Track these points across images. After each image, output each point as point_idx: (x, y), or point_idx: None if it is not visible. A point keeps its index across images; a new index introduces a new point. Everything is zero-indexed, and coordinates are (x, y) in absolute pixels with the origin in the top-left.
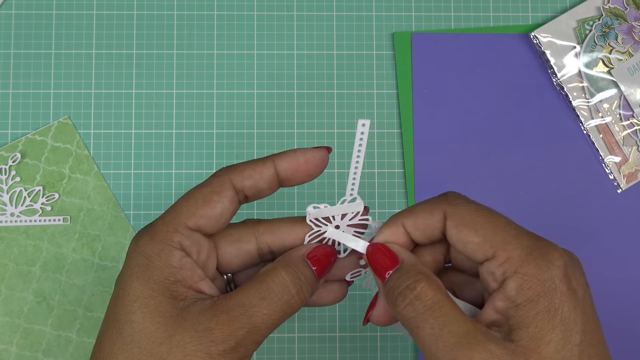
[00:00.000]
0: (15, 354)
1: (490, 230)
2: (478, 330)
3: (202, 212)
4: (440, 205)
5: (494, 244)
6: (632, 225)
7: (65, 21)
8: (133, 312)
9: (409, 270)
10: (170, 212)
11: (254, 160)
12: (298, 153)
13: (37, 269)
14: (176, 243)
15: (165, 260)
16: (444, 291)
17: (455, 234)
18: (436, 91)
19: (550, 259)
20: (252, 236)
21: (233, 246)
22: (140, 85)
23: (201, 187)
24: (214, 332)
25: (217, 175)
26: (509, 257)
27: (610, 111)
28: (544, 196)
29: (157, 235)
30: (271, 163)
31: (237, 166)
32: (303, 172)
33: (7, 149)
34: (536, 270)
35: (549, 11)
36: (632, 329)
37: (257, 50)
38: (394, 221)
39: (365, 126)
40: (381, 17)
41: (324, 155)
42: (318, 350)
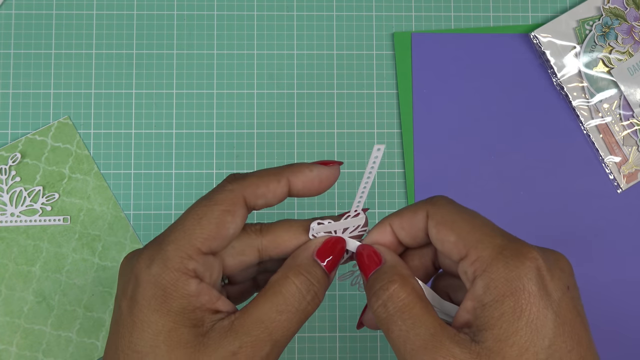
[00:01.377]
0: (15, 354)
1: (465, 229)
2: (444, 333)
3: (215, 234)
4: (424, 206)
5: (467, 243)
6: (632, 225)
7: (65, 21)
8: (157, 346)
9: (387, 271)
10: (182, 234)
11: (268, 175)
12: (314, 172)
13: (37, 269)
14: (191, 271)
15: (182, 290)
16: (418, 293)
17: (435, 233)
18: (436, 91)
19: (521, 259)
20: (255, 250)
21: (235, 259)
22: (140, 85)
23: (212, 203)
24: (239, 356)
25: (230, 190)
26: (479, 255)
27: (610, 111)
28: (544, 196)
29: (170, 262)
30: (286, 181)
31: (250, 181)
32: (316, 190)
33: (7, 149)
34: (504, 270)
35: (549, 11)
36: (631, 329)
37: (257, 50)
38: (382, 222)
39: (380, 151)
40: (381, 17)
41: (336, 171)
42: (318, 350)
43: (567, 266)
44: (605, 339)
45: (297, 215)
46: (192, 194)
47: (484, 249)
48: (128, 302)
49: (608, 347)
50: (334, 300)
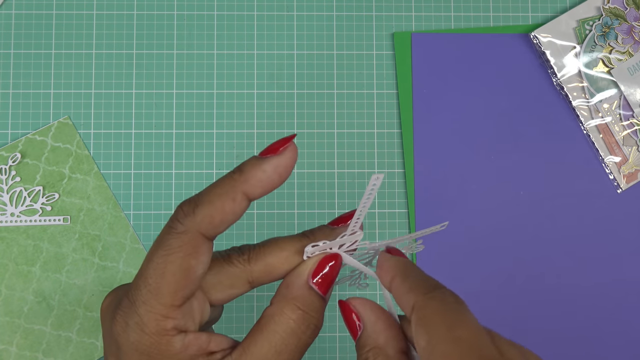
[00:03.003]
0: (15, 354)
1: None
2: None
3: (184, 284)
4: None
5: (432, 354)
6: (632, 225)
7: (65, 21)
8: None
9: (364, 344)
10: (150, 295)
11: (220, 197)
12: (268, 171)
13: (37, 269)
14: (172, 330)
15: (167, 351)
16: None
17: (413, 329)
18: (436, 91)
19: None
20: (245, 282)
21: (225, 293)
22: (140, 85)
23: (170, 253)
24: None
25: (183, 232)
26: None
27: (610, 111)
28: (544, 196)
29: (146, 327)
30: (242, 195)
31: (203, 214)
32: (278, 184)
33: (7, 149)
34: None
35: (549, 11)
36: (631, 329)
37: (257, 50)
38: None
39: (378, 180)
40: (381, 17)
41: (294, 152)
42: (318, 350)
43: None
44: (605, 339)
45: (296, 215)
46: (192, 194)
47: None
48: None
49: (608, 347)
50: (334, 300)
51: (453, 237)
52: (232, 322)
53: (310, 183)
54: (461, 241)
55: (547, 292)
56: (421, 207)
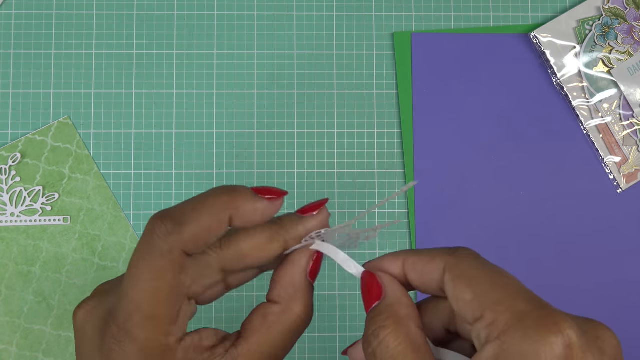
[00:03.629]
0: (15, 354)
1: (486, 287)
2: None
3: (178, 301)
4: (444, 256)
5: (483, 303)
6: (632, 225)
7: (65, 21)
8: None
9: (383, 311)
10: (148, 320)
11: (207, 217)
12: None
13: (37, 269)
14: (173, 344)
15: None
16: (413, 342)
17: (451, 288)
18: (436, 91)
19: (544, 331)
20: (218, 270)
21: (201, 285)
22: (140, 85)
23: (157, 277)
24: None
25: (168, 251)
26: (495, 319)
27: (610, 111)
28: (544, 196)
29: (151, 354)
30: (227, 219)
31: (189, 234)
32: (254, 224)
33: (7, 149)
34: (521, 341)
35: (549, 11)
36: (631, 329)
37: (257, 50)
38: (396, 254)
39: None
40: (381, 17)
41: (279, 206)
42: (318, 350)
43: (610, 347)
44: None
45: None
46: (192, 194)
47: (502, 312)
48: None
49: None
50: (334, 300)
51: (453, 237)
52: (232, 322)
53: (310, 183)
54: (461, 241)
55: (547, 292)
56: (421, 207)
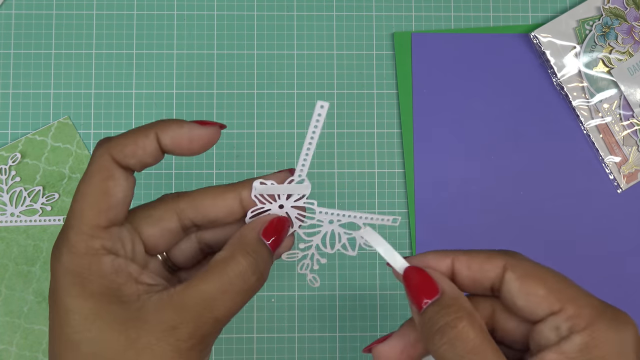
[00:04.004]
0: (15, 354)
1: (557, 284)
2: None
3: (106, 205)
4: (502, 256)
5: (561, 298)
6: (632, 225)
7: (65, 21)
8: (88, 330)
9: (451, 304)
10: (75, 218)
11: (135, 132)
12: (184, 128)
13: (37, 269)
14: (100, 249)
15: (98, 271)
16: (486, 333)
17: (518, 285)
18: (436, 91)
19: (623, 324)
20: (173, 214)
21: (154, 227)
22: (140, 85)
23: (89, 177)
24: (180, 330)
25: (98, 156)
26: (579, 312)
27: (610, 111)
28: (544, 196)
29: (75, 247)
30: (154, 136)
31: (117, 141)
32: (185, 149)
33: (7, 149)
34: (607, 331)
35: (549, 11)
36: None
37: (257, 50)
38: (442, 252)
39: (323, 108)
40: (381, 17)
41: (213, 133)
42: (318, 350)
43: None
44: None
45: None
46: None
47: (584, 306)
48: (51, 297)
49: None
50: (334, 300)
51: (453, 237)
52: (232, 322)
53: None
54: (461, 241)
55: None
56: (421, 207)
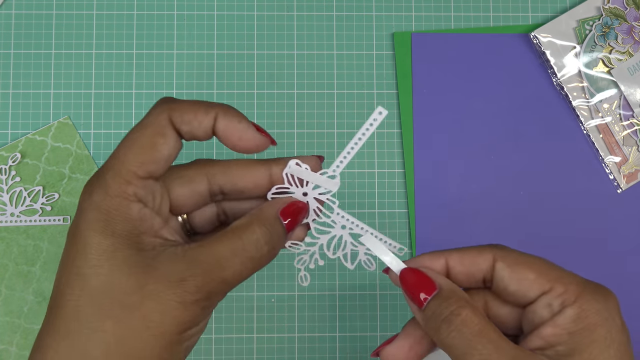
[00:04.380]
0: (15, 354)
1: (544, 268)
2: (525, 355)
3: (150, 157)
4: (491, 249)
5: (550, 278)
6: (632, 225)
7: (65, 21)
8: (100, 266)
9: (450, 296)
10: (117, 161)
11: (198, 104)
12: (242, 124)
13: (37, 269)
14: (132, 195)
15: (125, 214)
16: (487, 317)
17: (509, 273)
18: (436, 91)
19: (605, 294)
20: (204, 177)
21: (185, 188)
22: (140, 85)
23: (142, 127)
24: (188, 283)
25: (157, 112)
26: (567, 289)
27: (610, 111)
28: (544, 196)
29: (110, 189)
30: (213, 115)
31: (179, 105)
32: (232, 142)
33: (7, 149)
34: (594, 303)
35: (549, 11)
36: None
37: (257, 50)
38: (436, 252)
39: (381, 115)
40: (381, 17)
41: (262, 143)
42: (318, 350)
43: None
44: None
45: None
46: None
47: (570, 283)
48: (72, 230)
49: None
50: (334, 300)
51: (453, 237)
52: (232, 322)
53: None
54: (461, 241)
55: None
56: (421, 207)
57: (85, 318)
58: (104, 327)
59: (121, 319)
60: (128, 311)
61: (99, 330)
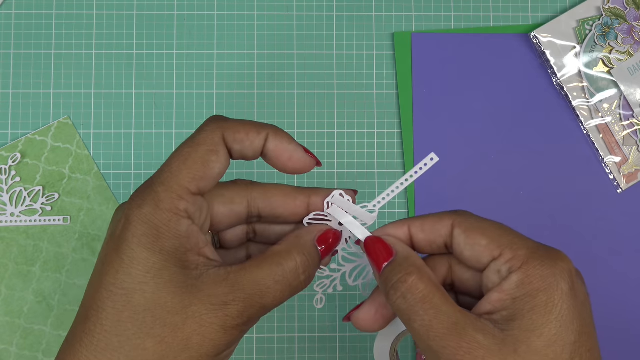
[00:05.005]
0: (15, 354)
1: (497, 233)
2: (467, 320)
3: (202, 174)
4: (450, 215)
5: (501, 244)
6: (632, 225)
7: (65, 21)
8: (146, 283)
9: (402, 263)
10: (170, 175)
11: (250, 124)
12: (292, 145)
13: (37, 269)
14: (183, 211)
15: (175, 230)
16: (435, 283)
17: (464, 239)
18: (436, 91)
19: (555, 260)
20: (244, 199)
21: (225, 207)
22: (140, 85)
23: (195, 144)
24: (230, 308)
25: (211, 130)
26: (515, 255)
27: (610, 111)
28: (544, 196)
29: (162, 203)
30: (265, 136)
31: (232, 124)
32: (281, 162)
33: (7, 149)
34: (540, 267)
35: (549, 11)
36: (631, 329)
37: (257, 50)
38: (400, 221)
39: (433, 161)
40: (381, 17)
41: (310, 164)
42: (318, 350)
43: (583, 279)
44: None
45: None
46: None
47: (519, 248)
48: (116, 240)
49: (608, 347)
50: (334, 300)
51: None
52: None
53: (310, 183)
54: None
55: None
56: (421, 207)
57: (127, 334)
58: (145, 345)
59: (163, 339)
60: (170, 331)
61: (139, 348)
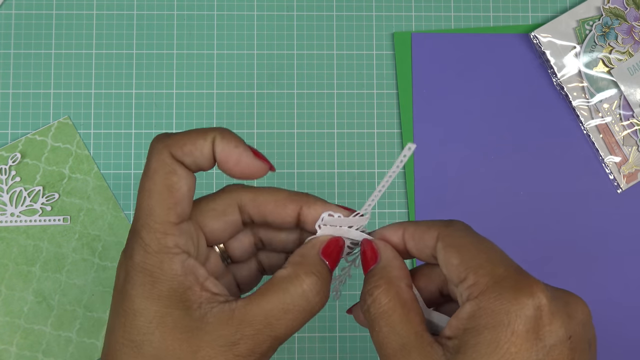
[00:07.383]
0: (15, 354)
1: (471, 253)
2: (416, 344)
3: (173, 200)
4: (438, 227)
5: (468, 267)
6: (632, 225)
7: (65, 21)
8: (151, 333)
9: (377, 272)
10: (146, 215)
11: (194, 133)
12: (239, 149)
13: (37, 269)
14: (174, 248)
15: (169, 271)
16: (402, 299)
17: (442, 255)
18: (436, 91)
19: (517, 293)
20: (235, 208)
21: (219, 221)
22: (140, 85)
23: (152, 174)
24: (239, 346)
25: (158, 152)
26: (476, 281)
27: (610, 111)
28: (544, 196)
29: (149, 246)
30: (211, 140)
31: (175, 139)
32: (227, 167)
33: (7, 149)
34: (494, 300)
35: (549, 11)
36: (631, 329)
37: (257, 50)
38: (397, 224)
39: (410, 150)
40: (381, 17)
41: (260, 169)
42: (318, 350)
43: (579, 313)
44: (605, 339)
45: None
46: None
47: (482, 275)
48: (119, 294)
49: (608, 348)
50: (334, 300)
51: None
52: None
53: (310, 183)
54: None
55: None
56: (421, 207)
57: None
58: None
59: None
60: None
61: None
